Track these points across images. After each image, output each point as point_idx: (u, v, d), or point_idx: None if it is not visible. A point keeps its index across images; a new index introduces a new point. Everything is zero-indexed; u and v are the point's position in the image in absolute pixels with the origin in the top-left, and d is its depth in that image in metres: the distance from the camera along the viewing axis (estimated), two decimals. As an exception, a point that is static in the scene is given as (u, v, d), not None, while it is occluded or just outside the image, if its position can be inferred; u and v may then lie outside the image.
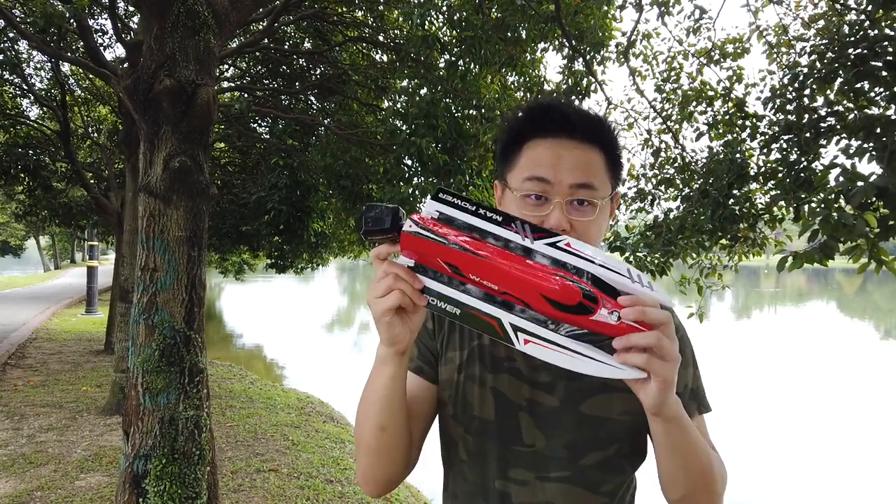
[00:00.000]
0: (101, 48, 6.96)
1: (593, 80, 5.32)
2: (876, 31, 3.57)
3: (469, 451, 0.95)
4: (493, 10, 4.95)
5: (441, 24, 5.67)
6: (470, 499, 0.96)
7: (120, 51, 11.87)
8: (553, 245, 0.74)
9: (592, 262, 0.72)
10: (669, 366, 0.70)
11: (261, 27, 6.40)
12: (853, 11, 4.27)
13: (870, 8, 3.68)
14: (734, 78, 5.62)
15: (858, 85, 3.59)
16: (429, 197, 0.78)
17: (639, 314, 0.69)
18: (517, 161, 0.94)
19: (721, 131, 5.34)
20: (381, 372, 0.85)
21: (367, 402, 0.89)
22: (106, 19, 7.31)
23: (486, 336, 0.99)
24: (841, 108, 4.05)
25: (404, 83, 6.11)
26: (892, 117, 3.41)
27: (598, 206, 0.90)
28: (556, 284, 0.71)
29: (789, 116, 4.27)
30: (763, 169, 4.73)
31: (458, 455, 0.97)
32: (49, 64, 8.07)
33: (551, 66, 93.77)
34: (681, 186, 5.59)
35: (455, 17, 5.06)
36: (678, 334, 0.92)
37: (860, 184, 2.93)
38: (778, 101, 4.37)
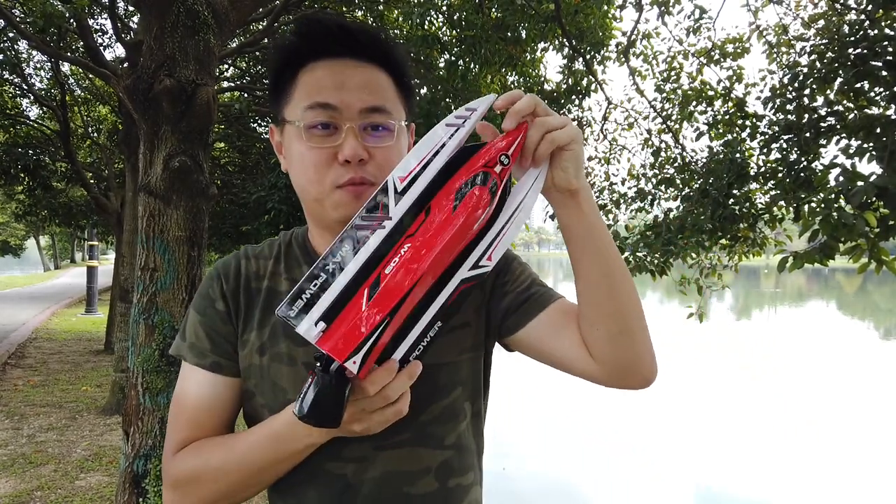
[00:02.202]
0: (101, 48, 6.96)
1: (593, 79, 5.33)
2: (876, 31, 3.57)
3: None
4: (493, 9, 4.94)
5: (441, 24, 5.67)
6: (297, 490, 0.83)
7: (120, 51, 11.87)
8: (398, 192, 0.65)
9: (429, 162, 0.66)
10: (560, 119, 0.69)
11: (261, 27, 6.40)
12: (853, 11, 4.27)
13: (870, 8, 3.68)
14: (734, 78, 5.62)
15: (858, 85, 3.60)
16: (301, 329, 0.63)
17: (512, 117, 0.68)
18: (293, 91, 0.81)
19: (721, 131, 5.34)
20: (303, 451, 0.77)
21: (262, 471, 0.78)
22: (106, 19, 7.30)
23: None
24: (841, 108, 4.05)
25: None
26: (892, 117, 3.41)
27: (395, 130, 0.80)
28: (458, 221, 0.63)
29: (789, 116, 4.27)
30: (763, 169, 4.73)
31: None
32: (49, 64, 8.06)
33: (551, 65, 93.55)
34: (681, 186, 5.59)
35: (455, 17, 5.06)
36: (509, 258, 0.91)
37: (860, 183, 2.93)
38: (778, 100, 4.37)
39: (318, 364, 0.63)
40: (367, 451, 0.80)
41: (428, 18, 4.82)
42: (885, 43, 3.37)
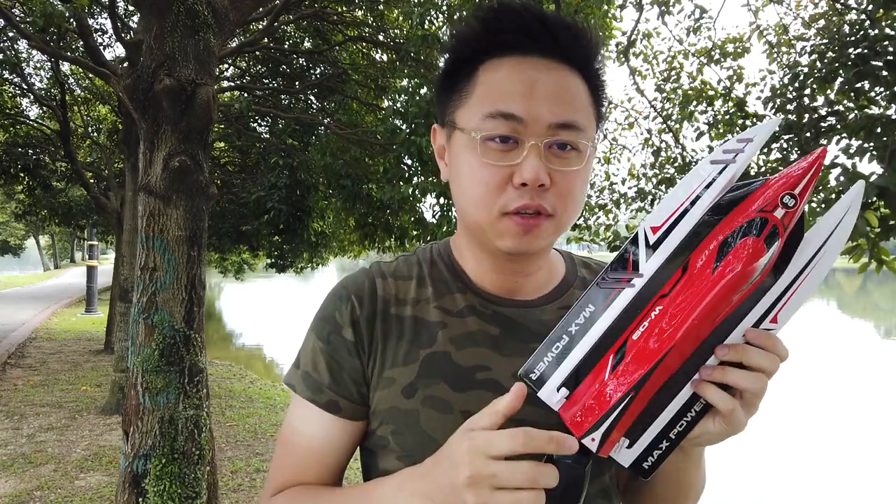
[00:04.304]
0: (101, 48, 6.96)
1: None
2: (876, 31, 3.57)
3: None
4: (494, 9, 4.94)
5: (441, 24, 5.67)
6: None
7: (120, 50, 11.86)
8: (650, 245, 0.56)
9: (689, 208, 0.56)
10: (749, 415, 0.58)
11: (261, 26, 6.40)
12: (853, 11, 4.27)
13: (870, 8, 3.68)
14: (734, 77, 5.63)
15: (859, 84, 3.60)
16: (544, 391, 0.57)
17: (771, 345, 0.58)
18: (471, 91, 0.67)
19: (721, 131, 5.34)
20: None
21: None
22: (106, 19, 7.31)
23: (441, 337, 0.71)
24: (841, 108, 4.05)
25: (404, 83, 6.11)
26: (893, 117, 3.41)
27: (587, 152, 0.66)
28: (719, 283, 0.53)
29: (789, 116, 4.27)
30: (763, 169, 4.73)
31: None
32: (49, 63, 8.07)
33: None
34: (681, 186, 5.59)
35: (455, 17, 5.06)
36: None
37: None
38: (778, 100, 4.37)
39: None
40: None
41: (428, 18, 4.82)
42: (886, 43, 3.37)
